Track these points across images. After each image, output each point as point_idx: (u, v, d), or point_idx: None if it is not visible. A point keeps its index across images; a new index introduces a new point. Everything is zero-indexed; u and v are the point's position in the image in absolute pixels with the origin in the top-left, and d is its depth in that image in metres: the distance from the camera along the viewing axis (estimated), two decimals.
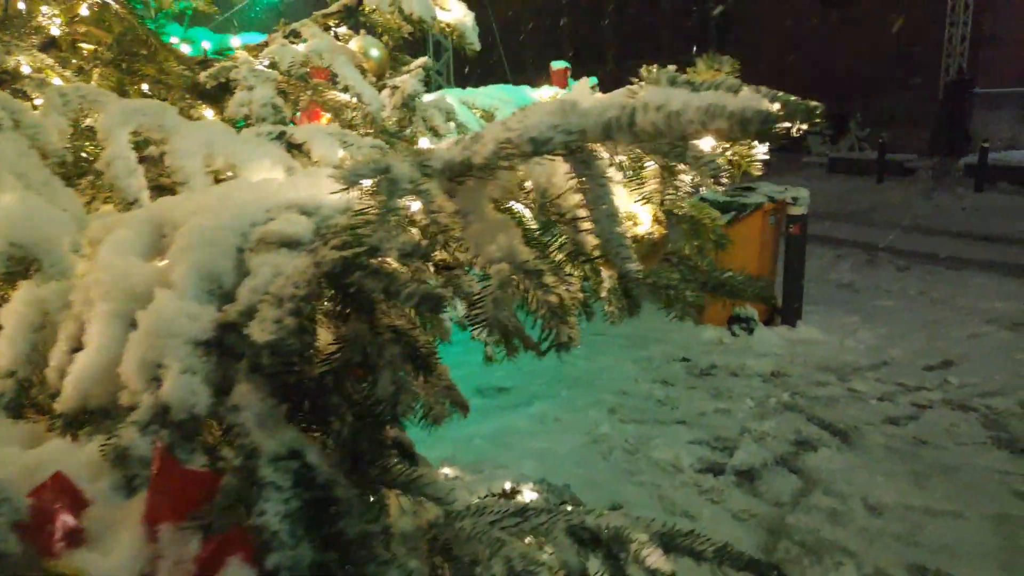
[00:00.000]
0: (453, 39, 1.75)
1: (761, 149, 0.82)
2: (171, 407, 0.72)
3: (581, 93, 0.84)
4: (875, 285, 7.97)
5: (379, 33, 1.80)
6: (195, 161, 1.21)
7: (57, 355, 0.86)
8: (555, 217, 0.82)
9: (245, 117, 1.47)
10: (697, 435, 4.61)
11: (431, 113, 1.70)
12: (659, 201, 0.75)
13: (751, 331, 6.28)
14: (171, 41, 2.41)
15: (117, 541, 0.67)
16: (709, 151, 0.66)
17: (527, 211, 0.94)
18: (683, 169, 0.71)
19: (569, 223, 0.78)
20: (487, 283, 0.78)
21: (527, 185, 0.87)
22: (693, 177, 0.73)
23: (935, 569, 3.26)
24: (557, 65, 8.33)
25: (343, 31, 1.83)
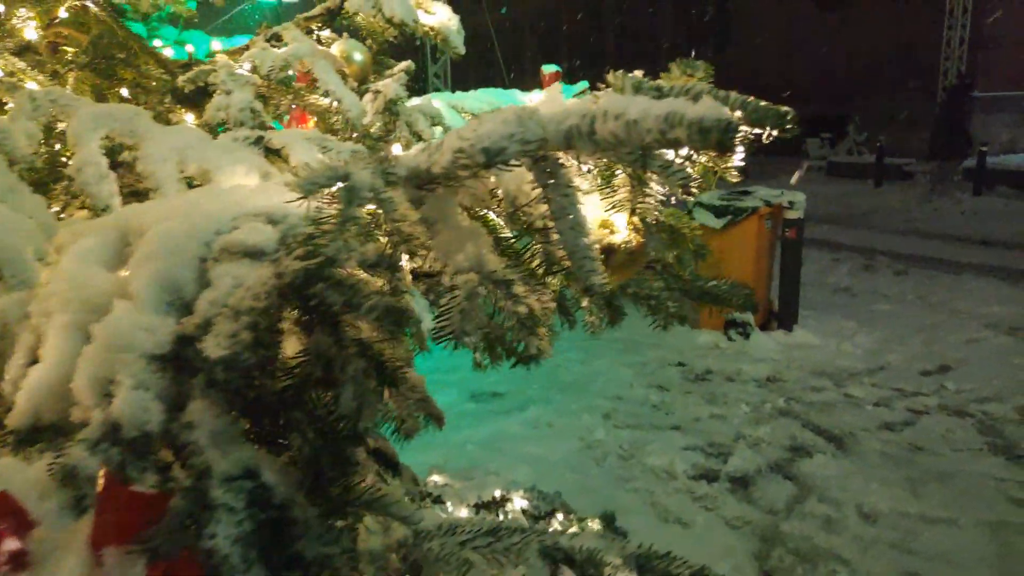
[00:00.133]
0: (438, 43, 1.72)
1: (738, 156, 0.79)
2: (122, 424, 0.69)
3: (551, 99, 0.82)
4: (872, 289, 7.94)
5: (363, 37, 1.78)
6: (167, 167, 1.18)
7: (13, 368, 0.83)
8: (525, 227, 0.80)
9: (223, 121, 1.45)
10: (692, 441, 4.58)
11: (415, 118, 1.67)
12: (631, 210, 0.72)
13: (747, 336, 6.26)
14: (155, 44, 2.38)
15: (62, 565, 0.65)
16: (677, 159, 0.64)
17: (502, 219, 0.91)
18: (652, 178, 0.69)
19: (539, 233, 0.76)
20: (454, 294, 0.75)
21: (499, 193, 0.84)
22: (664, 186, 0.71)
23: None
24: (548, 69, 8.29)
25: (327, 34, 1.81)
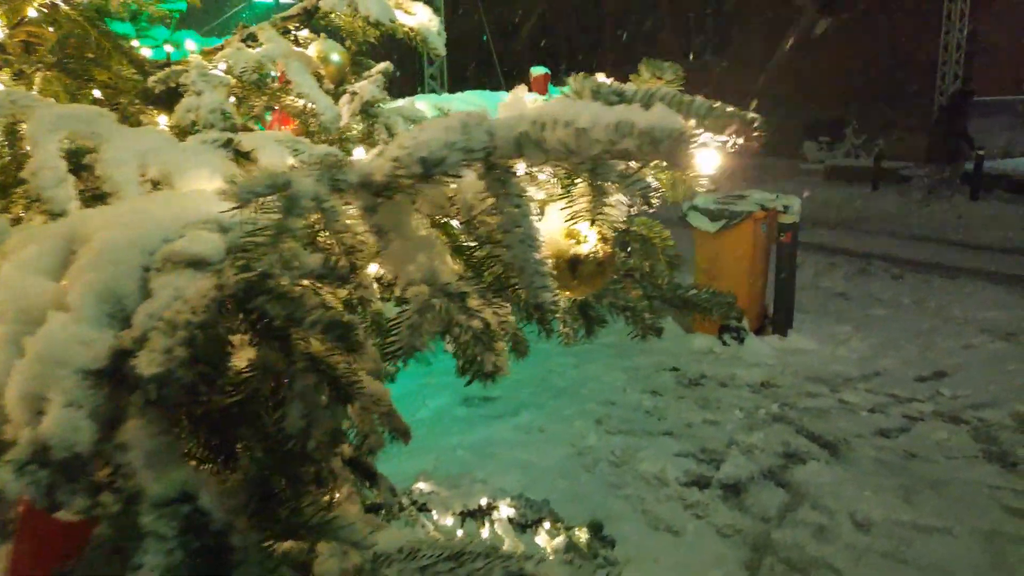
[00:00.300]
0: (417, 43, 1.69)
1: (709, 164, 0.75)
2: (51, 445, 0.65)
3: (513, 103, 0.78)
4: (868, 294, 7.90)
5: (342, 37, 1.74)
6: (128, 170, 1.14)
7: None
8: (484, 237, 0.76)
9: (193, 123, 1.41)
10: (684, 447, 4.54)
11: (393, 120, 1.63)
12: (591, 220, 0.69)
13: (741, 340, 6.22)
14: (137, 45, 2.34)
15: None
16: (636, 168, 0.60)
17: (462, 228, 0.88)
18: (613, 188, 0.65)
19: (495, 244, 0.72)
20: (404, 307, 0.71)
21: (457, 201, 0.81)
22: (626, 196, 0.67)
23: None
24: (537, 71, 8.26)
25: (305, 35, 1.77)
